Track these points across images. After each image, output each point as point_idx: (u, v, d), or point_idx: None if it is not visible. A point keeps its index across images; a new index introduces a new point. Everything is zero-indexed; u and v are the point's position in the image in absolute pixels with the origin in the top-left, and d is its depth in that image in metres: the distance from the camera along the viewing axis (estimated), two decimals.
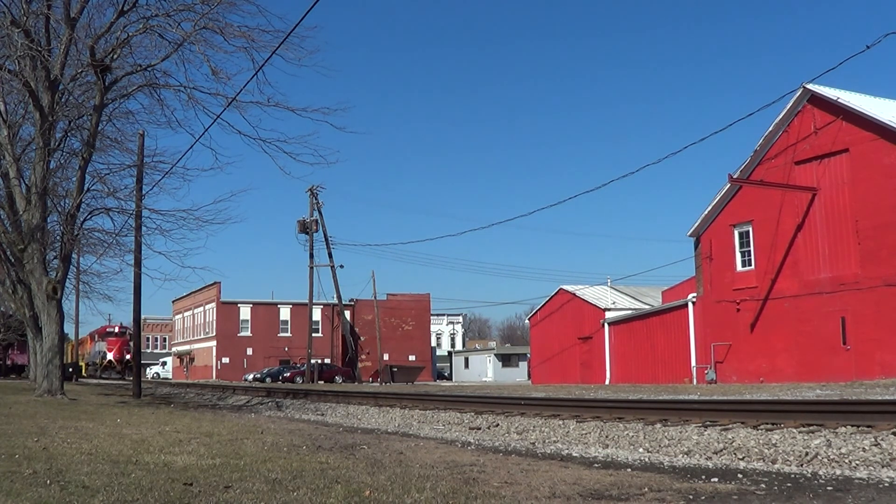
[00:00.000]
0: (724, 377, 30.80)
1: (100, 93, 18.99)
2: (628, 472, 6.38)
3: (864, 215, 25.90)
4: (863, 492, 5.29)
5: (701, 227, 32.28)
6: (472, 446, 8.65)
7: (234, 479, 5.77)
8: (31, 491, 5.23)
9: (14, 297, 28.23)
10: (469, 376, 75.85)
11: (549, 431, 10.22)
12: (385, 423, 12.89)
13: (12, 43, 17.67)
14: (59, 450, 7.79)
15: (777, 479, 5.89)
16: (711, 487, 5.51)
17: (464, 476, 6.03)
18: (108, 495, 5.07)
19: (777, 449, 7.48)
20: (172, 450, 7.83)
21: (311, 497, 5.01)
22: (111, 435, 9.57)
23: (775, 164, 28.73)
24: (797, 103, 27.95)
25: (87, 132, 20.27)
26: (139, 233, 22.81)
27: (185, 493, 5.18)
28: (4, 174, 21.65)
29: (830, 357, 26.39)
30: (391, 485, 5.47)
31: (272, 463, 6.72)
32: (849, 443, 7.24)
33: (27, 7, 18.32)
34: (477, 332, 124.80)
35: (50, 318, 20.01)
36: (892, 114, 25.95)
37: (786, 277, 28.60)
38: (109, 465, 6.58)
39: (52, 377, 19.99)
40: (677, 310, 34.96)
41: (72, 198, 20.56)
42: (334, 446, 8.45)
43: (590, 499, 5.10)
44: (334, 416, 15.16)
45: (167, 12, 18.11)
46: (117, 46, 18.84)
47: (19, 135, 22.51)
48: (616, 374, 40.02)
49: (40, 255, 20.56)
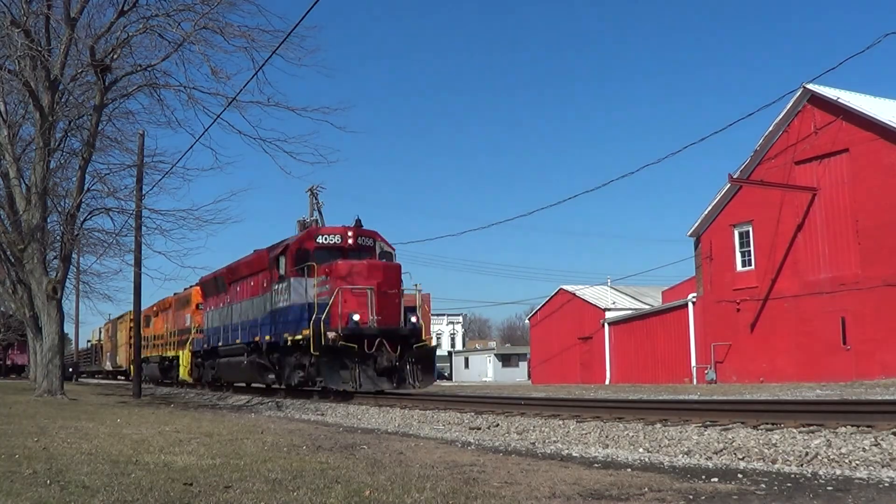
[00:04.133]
0: (724, 377, 30.79)
1: (100, 93, 18.99)
2: (628, 472, 6.38)
3: (864, 215, 25.90)
4: (863, 492, 5.28)
5: (701, 227, 32.27)
6: (472, 446, 8.65)
7: (234, 479, 5.76)
8: (31, 491, 5.23)
9: (14, 297, 28.27)
10: (469, 376, 75.84)
11: (549, 431, 10.22)
12: (385, 423, 12.89)
13: (12, 43, 17.68)
14: (59, 450, 7.79)
15: (777, 478, 5.89)
16: (711, 487, 5.50)
17: (464, 476, 6.03)
18: (108, 495, 5.07)
19: (777, 449, 7.48)
20: (172, 450, 7.83)
21: (311, 497, 5.00)
22: (111, 435, 9.58)
23: (775, 164, 28.73)
24: (797, 103, 27.95)
25: (87, 132, 20.28)
26: (139, 233, 22.80)
27: (185, 493, 5.18)
28: (4, 174, 21.66)
29: (830, 357, 26.39)
30: (391, 485, 5.47)
31: (272, 463, 6.72)
32: (849, 443, 7.23)
33: (27, 7, 18.33)
34: (477, 332, 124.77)
35: (50, 318, 20.01)
36: (892, 114, 25.94)
37: (786, 277, 28.60)
38: (109, 465, 6.58)
39: (52, 377, 19.99)
40: (677, 310, 34.97)
41: (72, 198, 20.56)
42: (334, 446, 8.45)
43: (590, 499, 5.09)
44: (334, 415, 15.17)
45: (167, 12, 18.12)
46: (117, 46, 18.84)
47: (19, 135, 22.52)
48: (616, 374, 40.01)
49: (40, 255, 20.58)
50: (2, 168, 22.09)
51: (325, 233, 20.28)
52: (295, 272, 19.47)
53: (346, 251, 19.73)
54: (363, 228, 20.43)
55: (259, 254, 22.92)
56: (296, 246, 19.92)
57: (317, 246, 19.73)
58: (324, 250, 19.59)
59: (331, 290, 18.40)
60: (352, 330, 18.08)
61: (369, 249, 20.22)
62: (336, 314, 18.08)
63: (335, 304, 18.01)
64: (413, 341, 18.91)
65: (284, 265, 19.96)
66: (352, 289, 18.45)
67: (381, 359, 18.05)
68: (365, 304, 18.44)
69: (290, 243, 20.15)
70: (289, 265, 19.78)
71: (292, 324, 19.35)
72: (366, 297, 18.46)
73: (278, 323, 20.34)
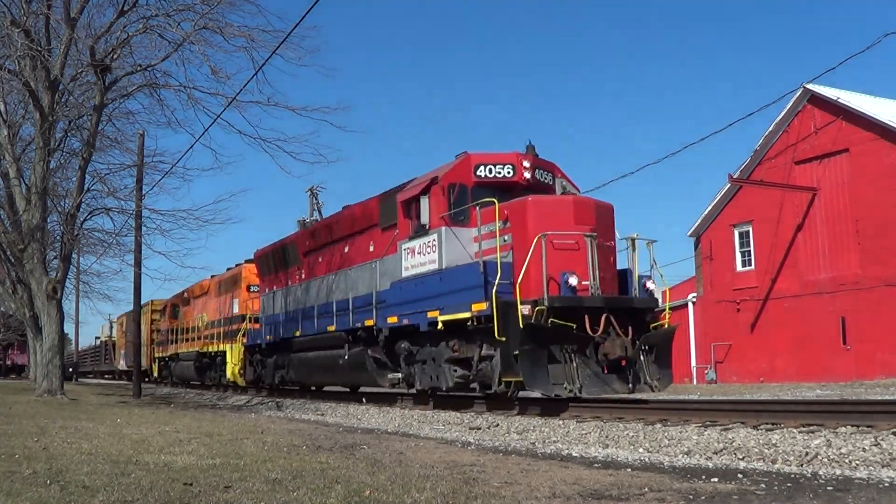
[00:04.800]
0: (724, 377, 30.78)
1: (100, 93, 19.00)
2: (628, 472, 6.38)
3: (864, 215, 25.90)
4: (863, 492, 5.28)
5: (701, 227, 32.26)
6: (472, 446, 8.65)
7: (234, 479, 5.77)
8: (31, 491, 5.23)
9: (14, 297, 28.27)
10: None
11: (549, 431, 10.22)
12: (385, 423, 12.89)
13: (12, 43, 17.69)
14: (59, 450, 7.79)
15: (777, 478, 5.89)
16: (711, 487, 5.51)
17: (464, 476, 6.03)
18: (108, 495, 5.07)
19: (777, 449, 7.48)
20: (172, 450, 7.83)
21: (311, 497, 5.01)
22: (111, 435, 9.58)
23: (775, 164, 28.72)
24: (797, 103, 27.95)
25: (87, 132, 20.29)
26: (139, 233, 22.81)
27: (185, 493, 5.18)
28: (4, 174, 21.67)
29: (830, 357, 26.38)
30: (391, 485, 5.47)
31: (272, 463, 6.72)
32: (849, 443, 7.24)
33: (27, 7, 18.34)
34: None
35: (50, 318, 20.02)
36: (893, 114, 25.95)
37: (786, 277, 28.59)
38: (109, 465, 6.59)
39: (52, 377, 20.00)
40: (677, 310, 34.94)
41: (72, 198, 20.57)
42: (334, 446, 8.45)
43: (590, 499, 5.10)
44: (334, 416, 15.16)
45: (167, 12, 18.14)
46: (117, 46, 18.86)
47: (19, 135, 22.53)
48: None
49: (40, 255, 20.58)
50: (2, 168, 22.10)
51: (488, 161, 13.96)
52: (447, 219, 13.56)
53: (519, 190, 13.60)
54: (540, 158, 14.41)
55: (364, 205, 16.94)
56: (448, 180, 13.80)
57: (477, 181, 13.80)
58: (486, 188, 13.63)
59: (519, 240, 12.40)
60: (566, 300, 11.81)
61: (548, 189, 14.09)
62: (535, 277, 11.83)
63: (534, 262, 11.80)
64: (649, 319, 12.83)
65: (427, 210, 13.80)
66: (560, 235, 12.15)
67: (612, 346, 11.89)
68: (579, 260, 12.18)
69: (439, 175, 13.94)
70: (435, 209, 13.73)
71: (446, 296, 13.26)
72: (580, 250, 12.24)
73: (413, 297, 14.24)
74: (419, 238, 14.19)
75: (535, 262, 11.81)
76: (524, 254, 11.96)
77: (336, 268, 17.97)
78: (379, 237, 16.00)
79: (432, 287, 13.68)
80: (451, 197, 13.69)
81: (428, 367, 14.16)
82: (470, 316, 12.50)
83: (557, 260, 11.97)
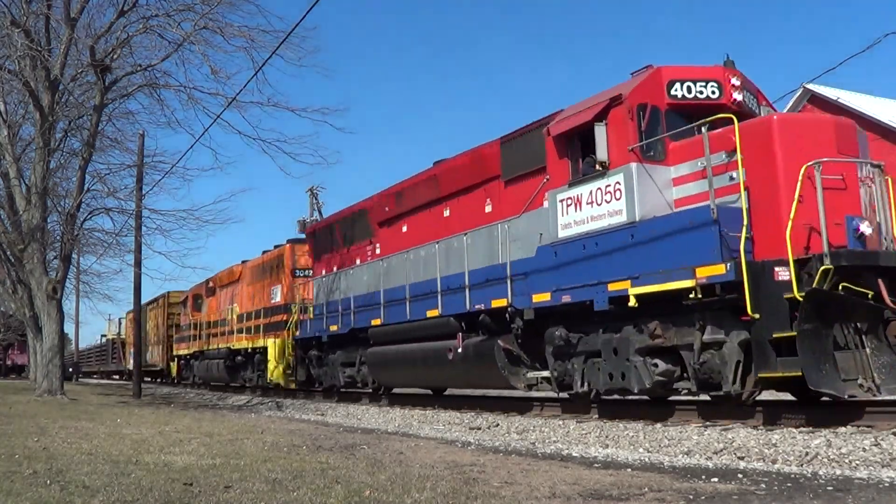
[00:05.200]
0: None
1: (100, 93, 19.00)
2: (628, 472, 6.38)
3: None
4: (863, 492, 5.28)
5: None
6: (472, 446, 8.65)
7: (234, 479, 5.77)
8: (31, 491, 5.23)
9: (14, 297, 28.24)
10: None
11: (549, 431, 10.22)
12: (385, 423, 12.89)
13: (12, 43, 17.69)
14: (59, 450, 7.79)
15: (777, 478, 5.89)
16: (711, 487, 5.51)
17: (464, 476, 6.03)
18: (108, 495, 5.08)
19: (777, 449, 7.48)
20: (172, 450, 7.83)
21: (312, 497, 5.01)
22: (111, 435, 9.58)
23: None
24: (797, 103, 27.95)
25: (87, 132, 20.29)
26: (139, 233, 22.80)
27: (185, 493, 5.19)
28: (4, 174, 21.66)
29: None
30: (391, 485, 5.47)
31: (272, 463, 6.72)
32: (849, 443, 7.24)
33: (27, 7, 18.35)
34: None
35: (50, 318, 20.01)
36: (893, 114, 25.95)
37: None
38: (109, 464, 6.59)
39: (52, 377, 19.98)
40: None
41: (72, 198, 20.56)
42: (334, 446, 8.45)
43: (590, 499, 5.10)
44: (334, 416, 15.16)
45: (167, 12, 18.15)
46: (117, 46, 18.86)
47: (19, 135, 22.53)
48: None
49: (40, 255, 20.57)
50: (2, 168, 22.09)
51: (686, 77, 10.36)
52: (637, 153, 9.99)
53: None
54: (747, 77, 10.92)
55: (474, 155, 13.52)
56: (636, 99, 10.17)
57: (671, 103, 10.29)
58: (681, 113, 10.27)
59: (761, 176, 8.98)
60: (859, 256, 8.53)
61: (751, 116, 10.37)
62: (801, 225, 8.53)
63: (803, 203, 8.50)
64: None
65: (605, 142, 10.20)
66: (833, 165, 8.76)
67: None
68: (853, 203, 8.88)
69: (623, 94, 10.26)
70: (618, 140, 10.16)
71: (642, 260, 9.64)
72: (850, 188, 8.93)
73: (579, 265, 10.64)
74: (590, 182, 10.51)
75: (803, 203, 8.45)
76: (769, 195, 8.83)
77: (433, 237, 14.23)
78: (501, 193, 12.75)
79: (616, 248, 10.08)
80: (640, 123, 10.08)
81: (604, 362, 10.39)
82: (693, 285, 8.89)
83: (830, 201, 8.52)
